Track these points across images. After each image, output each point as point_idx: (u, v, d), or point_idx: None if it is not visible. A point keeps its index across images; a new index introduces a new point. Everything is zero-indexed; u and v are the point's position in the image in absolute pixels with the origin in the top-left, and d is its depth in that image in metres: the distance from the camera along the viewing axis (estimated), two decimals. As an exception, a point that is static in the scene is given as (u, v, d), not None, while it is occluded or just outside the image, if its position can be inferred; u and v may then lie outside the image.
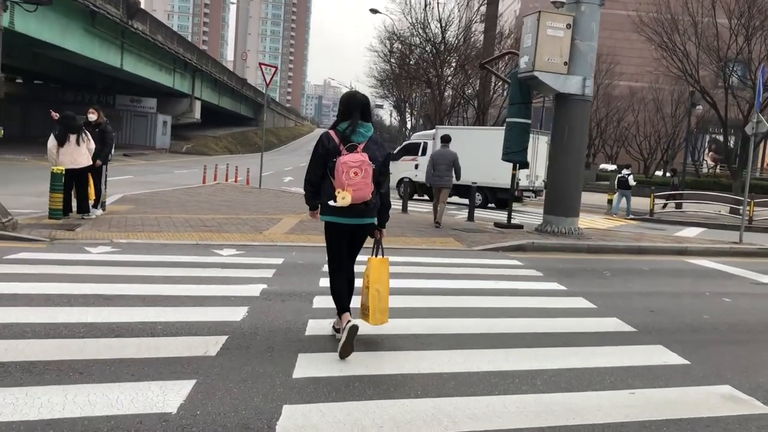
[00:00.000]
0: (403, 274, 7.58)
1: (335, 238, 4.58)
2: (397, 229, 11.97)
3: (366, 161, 4.27)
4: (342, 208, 4.33)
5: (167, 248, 8.48)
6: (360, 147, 4.36)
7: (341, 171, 4.22)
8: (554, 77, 12.14)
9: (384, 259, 4.71)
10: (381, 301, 4.64)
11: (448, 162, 12.99)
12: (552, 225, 12.53)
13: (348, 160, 4.23)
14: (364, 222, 4.53)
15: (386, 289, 4.69)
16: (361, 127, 4.40)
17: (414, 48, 36.42)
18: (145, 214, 11.99)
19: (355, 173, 4.22)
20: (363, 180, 4.24)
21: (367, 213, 4.48)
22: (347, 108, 4.44)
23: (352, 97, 4.54)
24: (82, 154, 10.93)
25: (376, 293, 4.61)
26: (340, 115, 4.49)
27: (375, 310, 4.61)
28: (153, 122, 52.26)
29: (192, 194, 17.38)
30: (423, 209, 18.70)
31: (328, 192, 4.39)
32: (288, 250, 9.00)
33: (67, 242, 8.42)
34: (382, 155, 4.50)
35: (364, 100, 4.53)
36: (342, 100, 4.55)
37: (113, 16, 34.40)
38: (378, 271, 4.64)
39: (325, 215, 4.48)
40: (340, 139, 4.37)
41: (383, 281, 4.66)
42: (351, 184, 4.21)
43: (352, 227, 4.52)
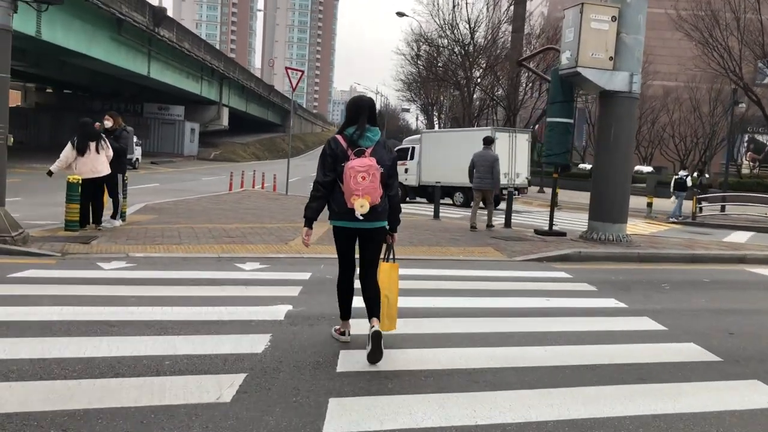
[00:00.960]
0: (443, 291, 6.84)
1: (344, 243, 4.58)
2: (432, 238, 11.22)
3: (374, 165, 4.26)
4: (350, 212, 4.32)
5: (186, 263, 7.86)
6: (368, 151, 4.36)
7: (349, 176, 4.23)
8: (599, 73, 11.30)
9: (394, 265, 4.65)
10: (390, 308, 4.58)
11: (489, 164, 12.49)
12: (598, 232, 11.65)
13: (356, 165, 4.24)
14: (373, 226, 4.47)
15: (395, 296, 4.63)
16: (368, 132, 4.40)
17: (442, 49, 35.65)
18: (167, 224, 11.44)
19: (363, 177, 4.21)
20: (371, 184, 4.23)
21: (376, 217, 4.43)
22: (354, 112, 4.45)
23: (359, 101, 4.53)
24: (102, 163, 10.43)
25: (386, 300, 4.55)
26: (347, 119, 4.49)
27: (384, 316, 4.54)
28: (181, 130, 52.28)
29: (217, 202, 16.85)
30: (454, 215, 17.91)
31: (337, 198, 4.40)
32: (316, 262, 8.31)
33: (79, 257, 7.85)
34: (390, 158, 4.49)
35: (371, 104, 4.52)
36: (348, 104, 4.55)
37: (139, 23, 34.28)
38: (388, 277, 4.59)
39: (333, 220, 4.50)
40: (348, 143, 4.38)
41: (393, 287, 4.61)
42: (359, 188, 4.21)
43: (361, 231, 4.49)
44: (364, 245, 4.56)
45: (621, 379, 4.30)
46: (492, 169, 12.54)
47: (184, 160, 48.95)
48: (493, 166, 12.54)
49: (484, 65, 33.66)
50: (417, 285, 7.15)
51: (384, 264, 4.62)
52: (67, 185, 9.99)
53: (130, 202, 15.53)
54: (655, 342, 5.32)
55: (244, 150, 64.87)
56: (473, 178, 12.82)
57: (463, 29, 32.98)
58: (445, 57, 35.94)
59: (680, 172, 21.51)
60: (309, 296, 6.27)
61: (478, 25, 33.45)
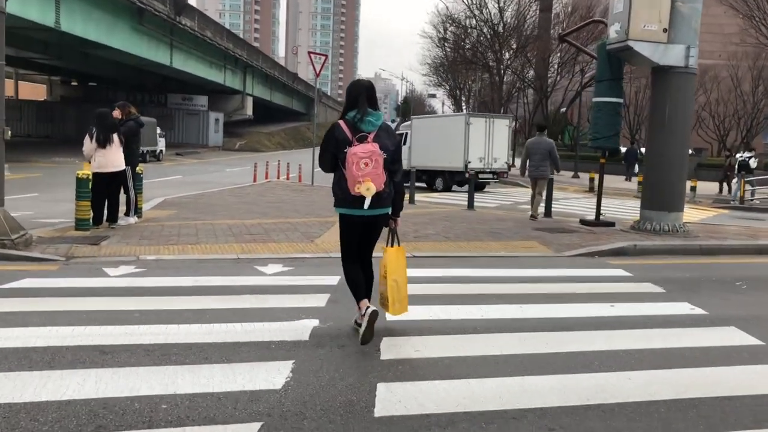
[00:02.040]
0: (488, 297, 5.95)
1: (350, 230, 4.55)
2: (470, 232, 10.31)
3: (376, 151, 4.21)
4: (356, 200, 4.30)
5: (201, 266, 7.10)
6: (370, 137, 4.30)
7: (351, 162, 4.17)
8: (652, 47, 10.23)
9: (400, 249, 4.62)
10: (399, 291, 4.55)
11: (544, 151, 11.94)
12: (652, 222, 10.64)
13: (358, 151, 4.18)
14: (378, 213, 4.46)
15: (404, 279, 4.60)
16: (370, 116, 4.33)
17: (470, 30, 34.44)
18: (185, 220, 10.71)
19: (365, 164, 4.17)
20: (374, 170, 4.19)
21: (381, 203, 4.41)
22: (353, 96, 4.38)
23: (356, 83, 4.49)
24: (121, 156, 9.77)
25: (394, 284, 4.51)
26: (347, 104, 4.42)
27: (394, 300, 4.53)
28: (205, 120, 51.82)
29: (240, 195, 16.13)
30: (488, 203, 16.95)
31: (341, 184, 4.36)
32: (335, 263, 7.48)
33: (85, 262, 7.12)
34: (393, 144, 4.43)
35: (368, 85, 4.47)
36: (347, 88, 4.49)
37: (160, 12, 33.68)
38: (395, 261, 4.54)
39: (339, 207, 4.47)
40: (350, 128, 4.31)
41: (400, 271, 4.57)
42: (362, 175, 4.17)
43: (367, 218, 4.46)
44: (366, 232, 4.57)
45: (737, 423, 3.39)
46: (549, 155, 12.07)
47: (209, 151, 48.52)
48: (550, 153, 12.09)
49: (514, 46, 32.36)
50: (459, 289, 6.28)
51: (390, 249, 4.57)
52: (76, 181, 9.31)
53: (151, 196, 14.92)
54: (760, 363, 4.38)
55: (269, 139, 64.33)
56: (527, 167, 12.32)
57: (492, 8, 31.75)
58: (473, 38, 34.71)
59: (744, 153, 20.23)
60: (337, 306, 5.44)
61: (507, 5, 32.16)
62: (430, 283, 6.53)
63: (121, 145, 9.76)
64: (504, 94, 34.00)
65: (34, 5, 23.80)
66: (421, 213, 13.13)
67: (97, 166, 9.56)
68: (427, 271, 7.24)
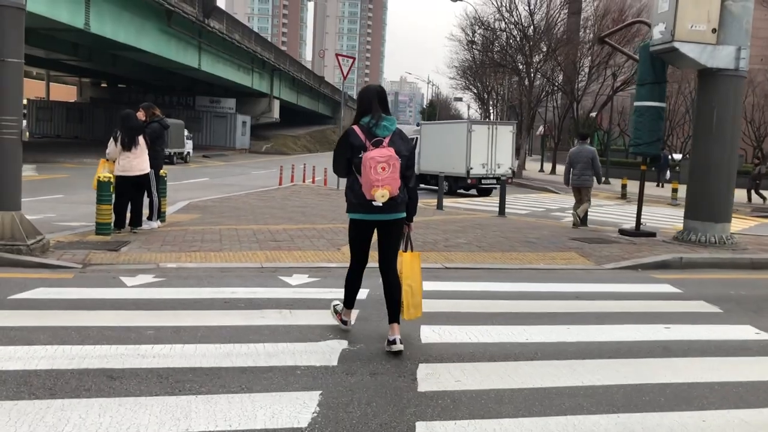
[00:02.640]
0: (530, 317, 5.48)
1: (360, 235, 4.52)
2: (504, 242, 9.82)
3: (393, 156, 4.19)
4: (369, 205, 4.28)
5: (223, 275, 6.73)
6: (386, 141, 4.28)
7: (369, 167, 4.14)
8: (699, 48, 9.66)
9: (415, 254, 4.64)
10: (414, 296, 4.53)
11: (586, 160, 11.69)
12: (697, 233, 10.04)
13: (375, 155, 4.16)
14: (392, 217, 4.42)
15: (419, 284, 4.59)
16: (385, 121, 4.33)
17: (500, 33, 33.85)
18: (209, 225, 10.40)
19: (383, 168, 4.14)
20: (391, 175, 4.17)
21: (395, 208, 4.39)
22: (366, 101, 4.39)
23: (367, 89, 4.51)
24: (146, 159, 9.50)
25: (409, 289, 4.50)
26: (360, 110, 4.42)
27: (408, 305, 4.50)
28: (232, 123, 51.90)
29: (265, 199, 15.82)
30: (518, 209, 16.40)
31: (354, 189, 4.34)
32: (374, 274, 7.05)
33: (102, 269, 6.80)
34: (408, 149, 4.43)
35: (379, 89, 4.49)
36: (359, 94, 4.52)
37: (189, 15, 33.68)
38: (410, 267, 4.54)
39: (351, 212, 4.44)
40: (365, 134, 4.30)
41: (415, 276, 4.56)
42: (379, 179, 4.14)
43: (379, 223, 4.43)
44: (383, 237, 4.50)
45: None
46: (591, 164, 11.82)
47: (236, 153, 48.55)
48: (592, 161, 11.81)
49: (545, 49, 31.70)
50: (498, 307, 5.82)
51: (405, 254, 4.55)
52: (97, 184, 9.03)
53: (176, 199, 14.70)
54: None
55: (295, 142, 64.33)
56: (570, 176, 12.14)
57: (522, 11, 31.15)
58: (502, 41, 34.12)
59: None
60: (368, 325, 5.02)
61: (538, 7, 31.54)
62: (465, 299, 6.08)
63: (146, 147, 9.49)
64: (534, 98, 33.29)
65: (64, 7, 23.85)
66: (450, 220, 12.67)
67: (121, 170, 9.30)
68: (461, 285, 6.79)
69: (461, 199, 19.91)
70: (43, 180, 19.36)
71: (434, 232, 10.52)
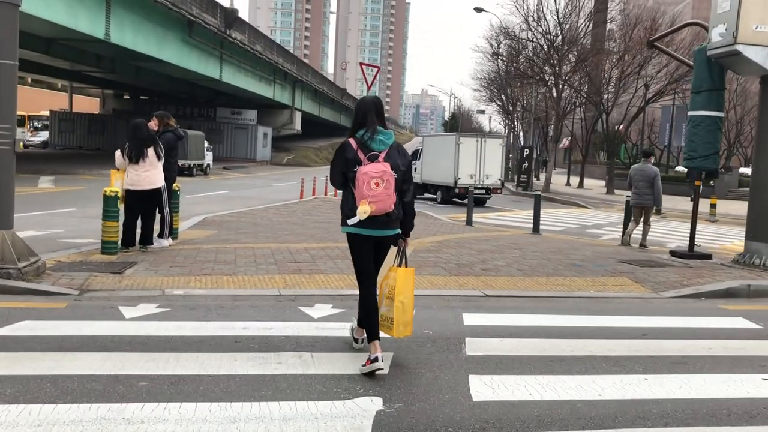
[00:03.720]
0: (596, 361, 4.59)
1: (360, 250, 4.39)
2: (546, 264, 8.92)
3: (388, 171, 4.09)
4: (364, 220, 4.12)
5: (236, 305, 5.94)
6: (381, 156, 4.18)
7: (362, 182, 4.05)
8: (765, 52, 8.73)
9: (409, 269, 4.45)
10: (405, 314, 4.34)
11: (648, 179, 11.22)
12: (762, 256, 9.07)
13: (369, 171, 4.06)
14: (387, 234, 4.33)
15: (411, 301, 4.39)
16: (380, 134, 4.22)
17: (526, 43, 32.97)
18: (224, 243, 9.64)
19: (376, 184, 4.04)
20: (385, 191, 4.06)
21: (390, 225, 4.29)
22: (362, 114, 4.30)
23: (364, 100, 4.42)
24: (159, 172, 8.79)
25: (401, 305, 4.30)
26: (356, 122, 4.32)
27: (399, 322, 4.30)
28: (253, 134, 51.49)
29: (285, 213, 15.07)
30: (552, 226, 15.45)
31: (349, 203, 4.24)
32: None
33: (101, 296, 6.04)
34: (405, 164, 4.33)
35: (376, 101, 4.39)
36: (356, 106, 4.44)
37: (211, 25, 33.30)
38: (404, 282, 4.34)
39: (347, 227, 4.30)
40: (360, 146, 4.20)
41: (408, 293, 4.36)
42: (373, 195, 4.05)
43: (375, 239, 4.31)
44: (374, 251, 4.40)
45: None
46: (652, 185, 11.28)
47: (257, 165, 48.08)
48: (653, 181, 11.27)
49: (573, 60, 30.73)
50: (554, 348, 4.93)
51: (399, 269, 4.39)
52: (103, 199, 8.33)
53: (192, 213, 14.03)
54: None
55: (317, 154, 63.82)
56: (631, 195, 11.76)
57: (550, 20, 30.24)
58: (528, 51, 33.22)
59: None
60: (406, 375, 4.17)
61: (567, 17, 30.60)
62: (514, 338, 5.21)
63: (158, 159, 8.78)
64: (561, 110, 32.28)
65: (84, 17, 23.49)
66: (483, 238, 11.80)
67: (130, 183, 8.60)
68: (507, 318, 5.91)
69: (490, 214, 19.02)
70: (58, 192, 18.85)
71: (468, 252, 9.65)
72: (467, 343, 4.95)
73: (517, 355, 4.75)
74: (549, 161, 31.98)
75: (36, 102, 61.78)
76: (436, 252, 9.48)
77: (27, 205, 14.53)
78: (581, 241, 12.47)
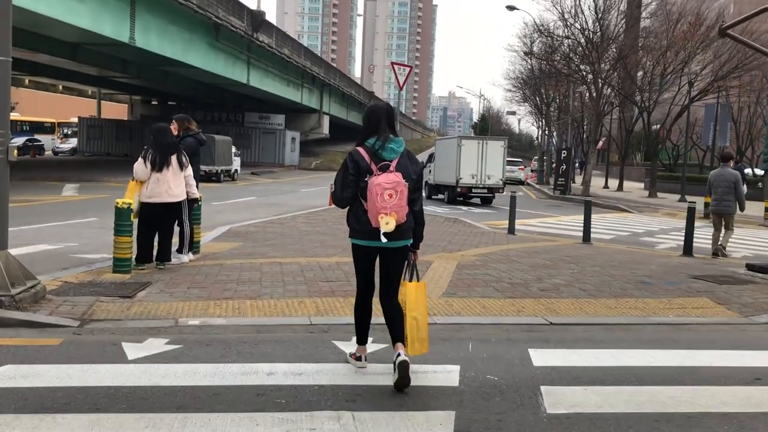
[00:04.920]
0: (710, 426, 3.57)
1: (364, 262, 4.24)
2: (611, 282, 7.86)
3: (401, 182, 3.97)
4: (374, 232, 3.97)
5: (259, 338, 5.04)
6: (393, 165, 4.05)
7: (375, 193, 3.92)
8: None
9: (420, 284, 4.25)
10: (420, 330, 4.11)
11: (728, 183, 10.58)
12: None
13: (382, 182, 3.94)
14: (396, 245, 4.10)
15: (425, 317, 4.15)
16: (392, 143, 4.09)
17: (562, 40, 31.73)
18: (249, 258, 8.80)
19: (389, 195, 3.92)
20: (398, 202, 3.94)
21: (400, 235, 4.06)
22: (373, 121, 4.17)
23: (375, 107, 4.28)
24: (181, 183, 7.99)
25: (414, 322, 4.09)
26: (366, 129, 4.18)
27: (413, 339, 4.08)
28: (281, 139, 51.00)
29: (314, 222, 14.21)
30: (601, 234, 14.30)
31: (357, 215, 4.11)
32: (459, 335, 5.27)
33: (104, 328, 5.20)
34: (416, 171, 4.19)
35: (388, 108, 4.27)
36: (365, 113, 4.28)
37: (238, 28, 32.72)
38: (414, 297, 4.14)
39: (354, 238, 4.17)
40: (370, 155, 4.07)
41: (421, 308, 4.15)
42: (386, 207, 3.90)
43: (382, 250, 4.14)
44: (386, 265, 4.21)
45: None
46: (733, 189, 10.62)
47: (285, 170, 47.51)
48: (735, 186, 10.59)
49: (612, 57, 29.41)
50: (651, 401, 3.93)
51: (410, 284, 4.20)
52: (115, 212, 7.54)
53: (217, 222, 13.29)
54: None
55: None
56: (711, 201, 11.12)
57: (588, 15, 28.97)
58: (565, 48, 31.98)
59: None
60: (474, 446, 3.22)
61: (604, 13, 29.29)
62: (595, 384, 4.23)
63: (181, 169, 7.96)
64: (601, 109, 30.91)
65: (108, 21, 23.00)
66: (531, 249, 10.77)
67: (148, 195, 7.79)
68: (581, 356, 4.90)
69: (531, 221, 17.90)
70: (81, 201, 18.28)
71: (520, 268, 8.64)
72: (544, 394, 3.98)
73: (611, 412, 3.76)
74: (588, 163, 30.61)
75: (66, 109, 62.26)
76: (483, 268, 8.50)
77: (47, 215, 13.93)
78: (641, 252, 11.37)
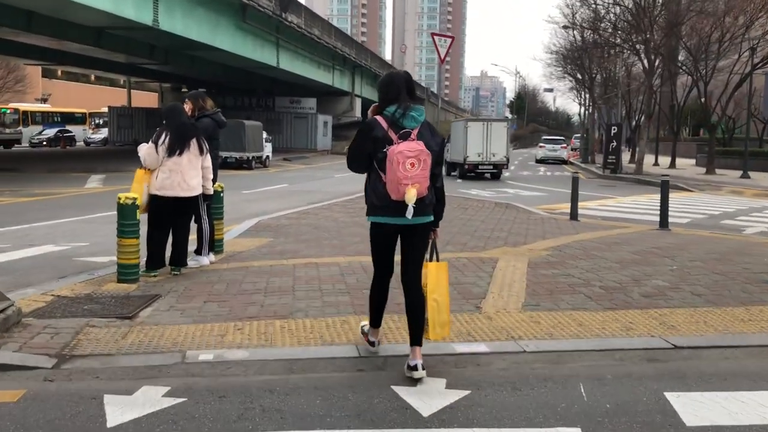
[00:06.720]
0: None
1: (383, 242, 3.97)
2: (727, 283, 6.28)
3: (424, 150, 3.66)
4: (396, 207, 3.70)
5: (292, 383, 3.69)
6: (414, 133, 3.75)
7: (397, 162, 3.60)
8: None
9: (441, 264, 4.01)
10: (441, 313, 3.89)
11: None
12: None
13: (404, 149, 3.63)
14: (419, 222, 3.81)
15: (445, 299, 3.94)
16: (413, 110, 3.80)
17: (609, 7, 29.63)
18: (279, 258, 7.48)
19: (412, 164, 3.61)
20: (422, 172, 3.64)
21: (422, 211, 3.78)
22: (392, 89, 3.84)
23: (394, 74, 4.01)
24: (198, 174, 6.65)
25: (435, 304, 3.87)
26: (384, 98, 3.86)
27: (435, 323, 3.88)
28: (313, 123, 49.69)
29: (352, 211, 12.81)
30: (673, 217, 12.62)
31: (378, 190, 3.80)
32: (560, 370, 3.84)
33: (85, 370, 3.90)
34: (437, 143, 3.88)
35: (406, 76, 3.96)
36: (382, 82, 3.95)
37: (265, 8, 31.37)
38: (435, 278, 3.92)
39: (375, 216, 3.88)
40: (390, 125, 3.76)
41: (442, 290, 3.93)
42: (408, 177, 3.59)
43: (404, 228, 3.84)
44: (408, 243, 3.93)
45: None
46: None
47: (317, 155, 46.25)
48: None
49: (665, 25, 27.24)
50: None
51: (430, 264, 3.97)
52: (117, 210, 6.28)
53: (246, 213, 12.10)
54: None
55: (378, 141, 61.72)
56: None
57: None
58: (611, 16, 29.88)
59: None
60: None
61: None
62: None
63: (201, 155, 6.62)
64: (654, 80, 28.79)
65: (130, 3, 21.85)
66: (607, 239, 9.24)
67: (159, 187, 6.43)
68: (743, 404, 3.41)
69: (588, 203, 16.19)
70: (104, 193, 17.28)
71: (606, 265, 7.12)
72: None
73: None
74: (641, 139, 28.58)
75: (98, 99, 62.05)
76: (561, 267, 7.01)
77: (64, 209, 12.88)
78: (735, 240, 9.72)
